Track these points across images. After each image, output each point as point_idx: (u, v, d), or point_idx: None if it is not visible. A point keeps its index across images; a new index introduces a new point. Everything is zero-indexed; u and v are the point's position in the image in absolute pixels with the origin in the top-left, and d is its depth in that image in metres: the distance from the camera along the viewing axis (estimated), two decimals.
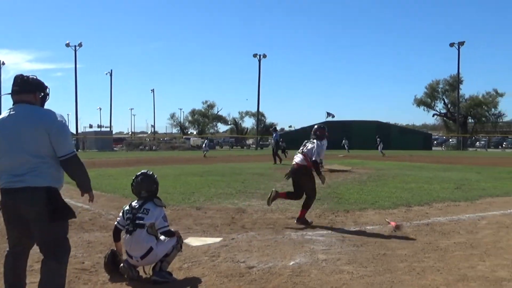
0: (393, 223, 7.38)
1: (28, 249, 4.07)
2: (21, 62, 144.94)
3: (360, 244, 6.48)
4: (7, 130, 3.78)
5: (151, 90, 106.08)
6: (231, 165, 24.49)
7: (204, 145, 42.78)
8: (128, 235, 4.93)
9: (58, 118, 3.87)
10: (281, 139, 29.07)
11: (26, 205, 3.73)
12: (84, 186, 4.20)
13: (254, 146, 73.61)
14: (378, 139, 42.47)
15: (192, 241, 6.70)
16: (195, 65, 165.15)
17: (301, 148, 8.38)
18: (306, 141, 8.44)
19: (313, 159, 8.04)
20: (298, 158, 8.24)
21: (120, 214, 5.14)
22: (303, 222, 7.88)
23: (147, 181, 5.10)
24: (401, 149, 49.75)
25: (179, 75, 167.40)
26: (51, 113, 3.89)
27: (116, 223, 5.16)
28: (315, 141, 8.22)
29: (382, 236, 6.99)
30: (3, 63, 75.76)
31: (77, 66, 68.52)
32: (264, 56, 70.41)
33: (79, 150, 52.07)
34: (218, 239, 6.80)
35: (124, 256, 5.05)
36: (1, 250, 5.32)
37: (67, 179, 4.01)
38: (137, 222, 4.89)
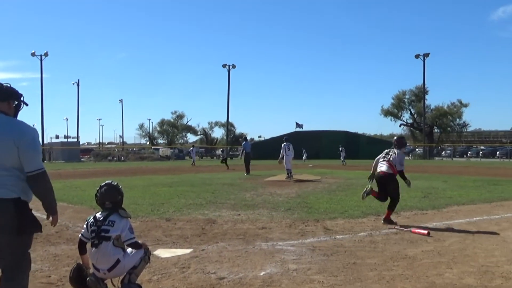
0: (423, 232, 7.81)
1: None
2: None
3: (330, 253, 6.50)
4: None
5: (120, 100, 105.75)
6: (200, 175, 24.37)
7: (191, 153, 44.31)
8: (94, 248, 4.81)
9: (30, 132, 3.76)
10: (223, 150, 30.70)
11: None
12: (50, 208, 4.07)
13: (222, 156, 73.49)
14: (340, 148, 42.86)
15: (162, 252, 6.61)
16: (164, 75, 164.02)
17: (383, 156, 9.36)
18: (387, 150, 9.46)
19: (399, 168, 9.08)
20: (384, 166, 9.13)
21: (84, 226, 5.01)
22: (389, 222, 8.78)
23: (111, 191, 4.96)
24: (369, 159, 50.25)
25: (147, 85, 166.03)
26: (23, 126, 3.79)
27: (80, 235, 5.03)
28: (396, 150, 9.26)
29: (352, 245, 7.04)
30: None
31: (43, 75, 67.74)
32: (233, 66, 70.76)
33: (45, 161, 50.96)
34: (188, 250, 6.73)
35: (91, 270, 4.93)
36: None
37: None
38: (102, 234, 4.77)
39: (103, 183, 5.03)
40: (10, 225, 3.63)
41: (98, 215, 4.94)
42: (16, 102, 3.87)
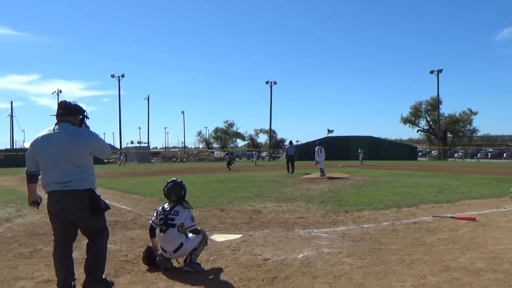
0: (469, 217, 7.81)
1: (73, 241, 4.20)
2: (75, 90, 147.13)
3: (358, 239, 6.37)
4: (53, 145, 3.99)
5: (182, 112, 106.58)
6: (248, 174, 24.43)
7: (253, 156, 46.69)
8: (162, 233, 4.92)
9: (94, 135, 4.13)
10: (227, 153, 31.58)
11: (74, 203, 3.97)
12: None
13: (267, 157, 73.44)
14: (359, 150, 41.87)
15: (217, 237, 6.66)
16: (218, 90, 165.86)
17: None
18: None
19: None
20: None
21: (154, 214, 5.12)
22: None
23: (176, 187, 5.04)
24: (390, 160, 49.25)
25: (204, 99, 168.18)
26: (87, 132, 4.13)
27: (151, 222, 5.13)
28: None
29: (377, 233, 6.88)
30: (60, 91, 77.40)
31: (121, 93, 69.05)
32: (275, 83, 70.38)
33: (123, 163, 52.40)
34: (238, 236, 6.75)
35: (160, 251, 5.02)
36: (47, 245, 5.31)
37: (122, 186, 4.02)
38: (169, 222, 4.87)
39: (170, 180, 5.12)
40: (86, 208, 4.01)
41: (165, 206, 5.04)
42: (81, 116, 4.19)
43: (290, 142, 26.06)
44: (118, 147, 68.38)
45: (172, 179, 5.16)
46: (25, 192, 14.99)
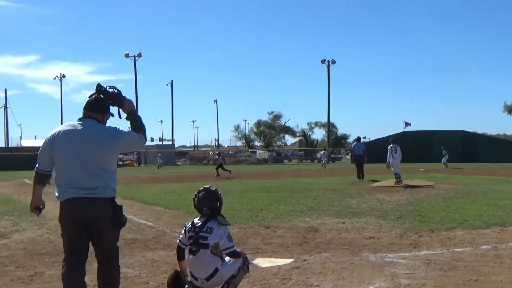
0: None
1: (85, 259, 4.47)
2: (81, 74, 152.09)
3: (447, 268, 6.21)
4: (78, 144, 4.27)
5: (214, 101, 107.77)
6: (300, 180, 24.39)
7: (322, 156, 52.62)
8: (191, 255, 4.93)
9: (123, 132, 4.46)
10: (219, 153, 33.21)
11: (98, 213, 4.29)
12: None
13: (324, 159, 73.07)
14: (443, 150, 40.91)
15: (261, 262, 6.68)
16: (259, 73, 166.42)
17: None
18: None
19: None
20: None
21: (182, 231, 5.15)
22: None
23: (209, 197, 5.05)
24: (490, 162, 47.65)
25: (242, 84, 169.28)
26: (116, 130, 4.46)
27: (178, 241, 5.19)
28: None
29: (473, 259, 6.68)
30: (64, 76, 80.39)
31: (137, 77, 70.88)
32: (333, 62, 69.99)
33: (140, 165, 53.85)
34: (289, 260, 6.74)
35: (189, 277, 5.07)
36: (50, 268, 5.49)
37: (140, 195, 4.14)
38: (200, 241, 4.86)
39: (201, 188, 5.15)
40: (108, 219, 4.34)
41: (196, 220, 5.06)
42: (109, 115, 4.59)
43: (358, 139, 25.43)
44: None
45: (205, 186, 5.19)
46: (23, 201, 15.68)
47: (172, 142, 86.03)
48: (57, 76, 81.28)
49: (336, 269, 6.20)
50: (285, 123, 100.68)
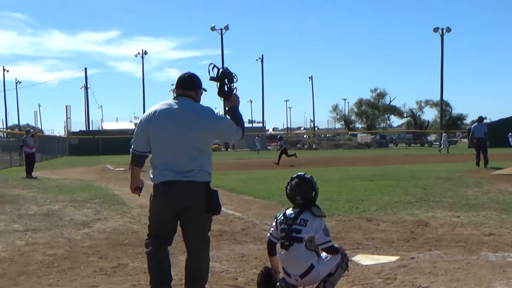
0: None
1: (170, 243, 4.91)
2: (164, 50, 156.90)
3: None
4: (175, 124, 4.57)
5: (309, 77, 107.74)
6: (408, 167, 23.97)
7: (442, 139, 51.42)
8: (284, 250, 4.96)
9: (223, 117, 4.79)
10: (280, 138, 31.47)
11: (192, 197, 4.58)
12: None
13: (437, 143, 71.08)
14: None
15: (362, 259, 6.67)
16: (361, 45, 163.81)
17: None
18: None
19: None
20: None
21: (273, 223, 5.20)
22: None
23: (303, 185, 5.04)
24: None
25: (342, 59, 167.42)
26: (212, 110, 4.74)
27: (269, 235, 5.25)
28: None
29: None
30: (146, 53, 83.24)
31: (224, 52, 71.86)
32: (448, 30, 67.64)
33: (228, 150, 55.08)
34: (393, 258, 6.68)
35: (281, 274, 5.14)
36: (133, 260, 5.77)
37: (227, 183, 4.30)
38: (293, 235, 4.88)
39: (294, 176, 5.19)
40: (202, 204, 4.61)
41: (288, 212, 5.10)
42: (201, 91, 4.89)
43: (480, 119, 24.07)
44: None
45: (298, 174, 5.20)
46: (105, 188, 16.58)
47: (263, 124, 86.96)
48: (138, 53, 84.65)
49: (449, 269, 6.07)
50: (390, 102, 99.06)
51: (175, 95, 4.84)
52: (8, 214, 10.95)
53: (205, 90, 4.92)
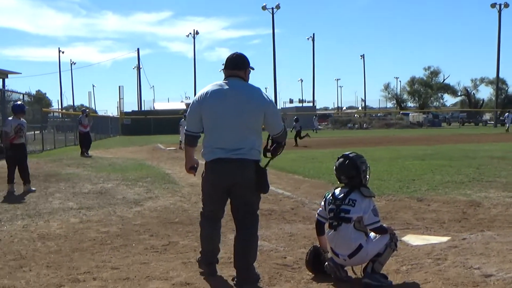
0: None
1: (221, 216, 5.19)
2: (216, 30, 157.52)
3: None
4: (228, 104, 4.72)
5: (361, 56, 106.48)
6: (461, 147, 23.56)
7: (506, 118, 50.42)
8: (332, 230, 4.98)
9: (270, 98, 4.95)
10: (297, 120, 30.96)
11: (242, 174, 4.74)
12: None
13: (492, 122, 69.39)
14: None
15: (412, 239, 6.61)
16: (414, 22, 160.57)
17: None
18: None
19: None
20: None
21: (322, 203, 5.21)
22: None
23: (347, 165, 5.04)
24: None
25: (394, 37, 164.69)
26: (262, 92, 4.90)
27: (317, 215, 5.27)
28: None
29: None
30: (197, 33, 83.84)
31: (275, 31, 71.76)
32: (506, 5, 65.63)
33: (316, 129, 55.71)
34: (444, 239, 6.60)
35: (329, 254, 5.14)
36: (184, 238, 5.88)
37: (277, 162, 4.31)
38: (341, 215, 4.90)
39: (341, 155, 5.18)
40: (252, 182, 4.78)
41: (337, 191, 5.10)
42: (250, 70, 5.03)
43: None
44: None
45: (344, 153, 5.19)
46: (156, 167, 16.85)
47: (313, 104, 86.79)
48: (190, 33, 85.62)
49: (502, 251, 5.94)
50: (444, 80, 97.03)
51: (225, 76, 4.93)
52: (63, 192, 11.27)
53: (253, 69, 5.03)
